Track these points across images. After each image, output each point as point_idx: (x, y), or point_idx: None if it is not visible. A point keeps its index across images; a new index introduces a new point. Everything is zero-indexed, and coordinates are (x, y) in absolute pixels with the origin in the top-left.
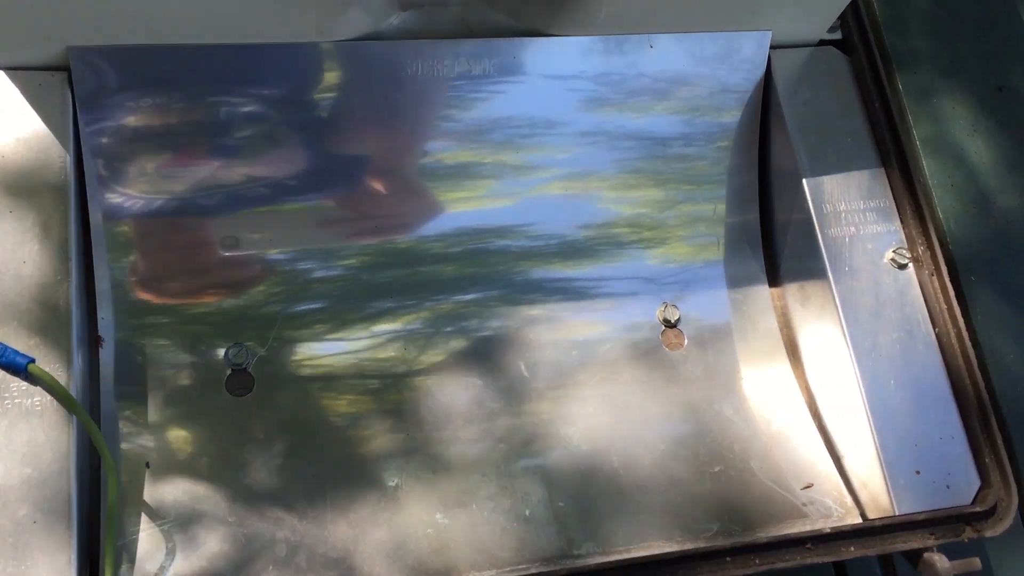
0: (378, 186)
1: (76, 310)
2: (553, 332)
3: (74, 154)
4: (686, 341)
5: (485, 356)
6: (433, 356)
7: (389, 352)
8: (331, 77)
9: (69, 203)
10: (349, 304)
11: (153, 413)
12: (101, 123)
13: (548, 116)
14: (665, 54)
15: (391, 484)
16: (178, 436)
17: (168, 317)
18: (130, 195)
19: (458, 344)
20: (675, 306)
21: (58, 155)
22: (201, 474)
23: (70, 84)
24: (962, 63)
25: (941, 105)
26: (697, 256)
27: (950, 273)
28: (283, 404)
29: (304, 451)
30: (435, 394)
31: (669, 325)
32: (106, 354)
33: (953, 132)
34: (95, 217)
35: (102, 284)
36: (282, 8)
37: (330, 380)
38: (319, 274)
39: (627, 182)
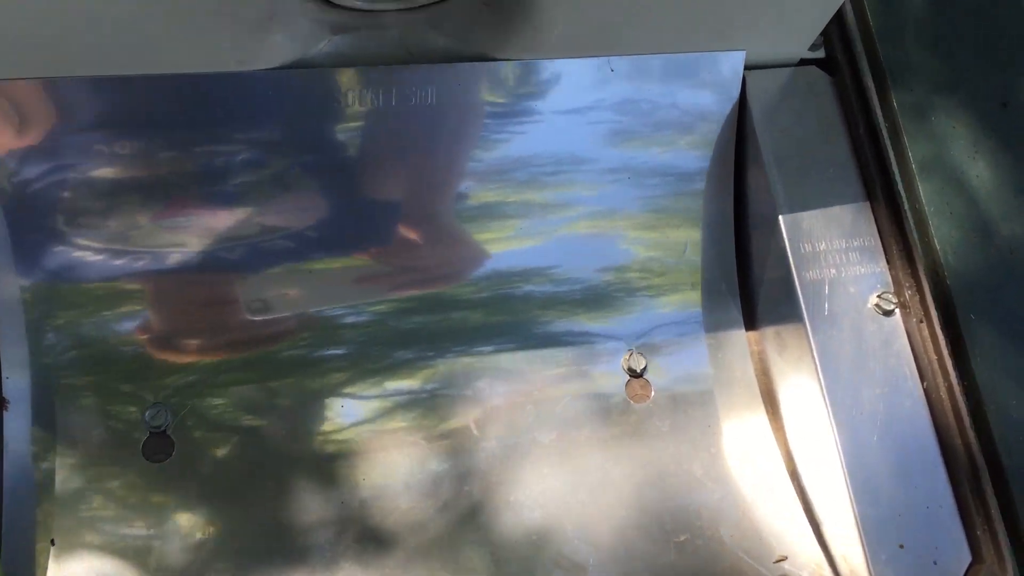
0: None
1: None
2: (507, 384)
3: None
4: (653, 392)
5: (431, 413)
6: (371, 414)
7: (328, 411)
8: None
9: None
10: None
11: (61, 482)
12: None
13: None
14: (626, 79)
15: (321, 559)
16: (88, 507)
17: (88, 376)
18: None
19: (397, 400)
20: (641, 354)
21: None
22: (112, 551)
23: None
24: (963, 77)
25: (939, 124)
26: (668, 298)
27: (946, 312)
28: (205, 469)
29: (228, 521)
30: (374, 455)
31: (634, 375)
32: (12, 417)
33: (952, 153)
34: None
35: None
36: (193, 36)
37: (255, 442)
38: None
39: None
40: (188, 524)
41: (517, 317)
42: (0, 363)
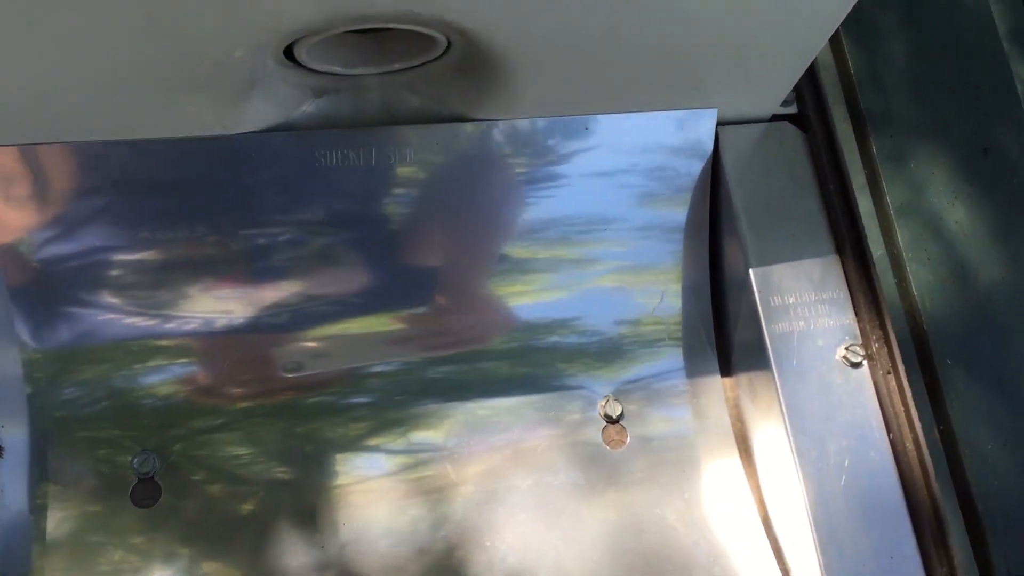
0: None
1: None
2: (484, 429)
3: None
4: (628, 438)
5: (414, 453)
6: (352, 460)
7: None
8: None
9: None
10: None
11: (53, 528)
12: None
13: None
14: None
15: None
16: (80, 551)
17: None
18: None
19: (383, 442)
20: (617, 400)
21: None
22: None
23: None
24: (943, 123)
25: (919, 169)
26: (645, 346)
27: (922, 357)
28: (190, 513)
29: (212, 562)
30: (354, 498)
31: (611, 421)
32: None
33: (931, 199)
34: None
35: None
36: (178, 104)
37: (237, 484)
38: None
39: None
40: (175, 565)
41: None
42: None
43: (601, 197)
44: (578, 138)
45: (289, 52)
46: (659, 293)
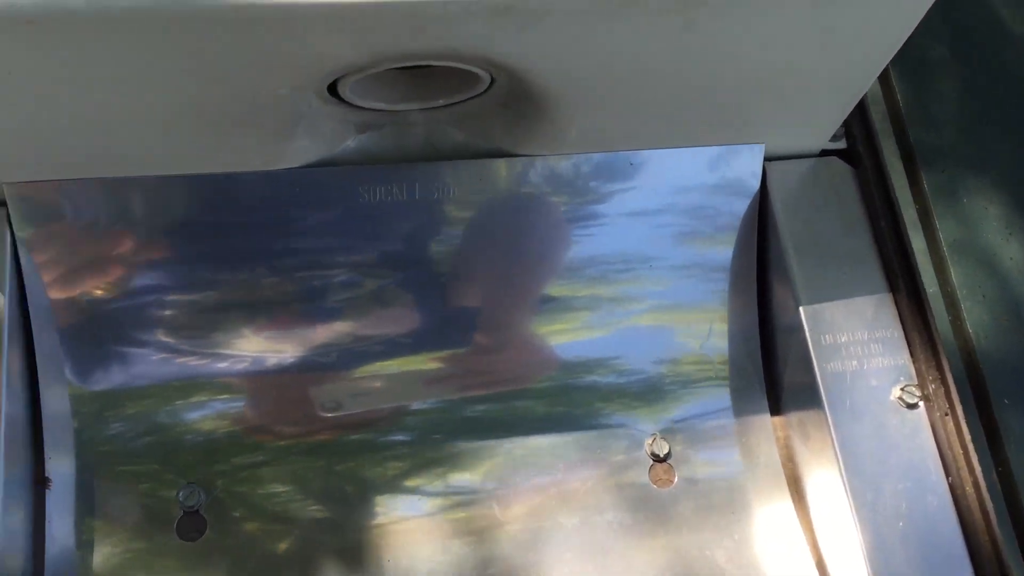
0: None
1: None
2: (526, 468)
3: (10, 296)
4: (676, 477)
5: (455, 493)
6: (393, 500)
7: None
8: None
9: (1, 347)
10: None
11: (100, 562)
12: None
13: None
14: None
15: None
16: None
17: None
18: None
19: (424, 482)
20: (664, 439)
21: None
22: None
23: (8, 222)
24: (996, 157)
25: (972, 205)
26: (693, 383)
27: (978, 397)
28: (234, 550)
29: None
30: (399, 537)
31: (658, 459)
32: (55, 496)
33: (985, 236)
34: (44, 347)
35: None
36: (221, 140)
37: (279, 521)
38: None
39: None
40: None
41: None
42: (44, 444)
43: (641, 235)
44: (621, 176)
45: (333, 88)
46: (703, 332)
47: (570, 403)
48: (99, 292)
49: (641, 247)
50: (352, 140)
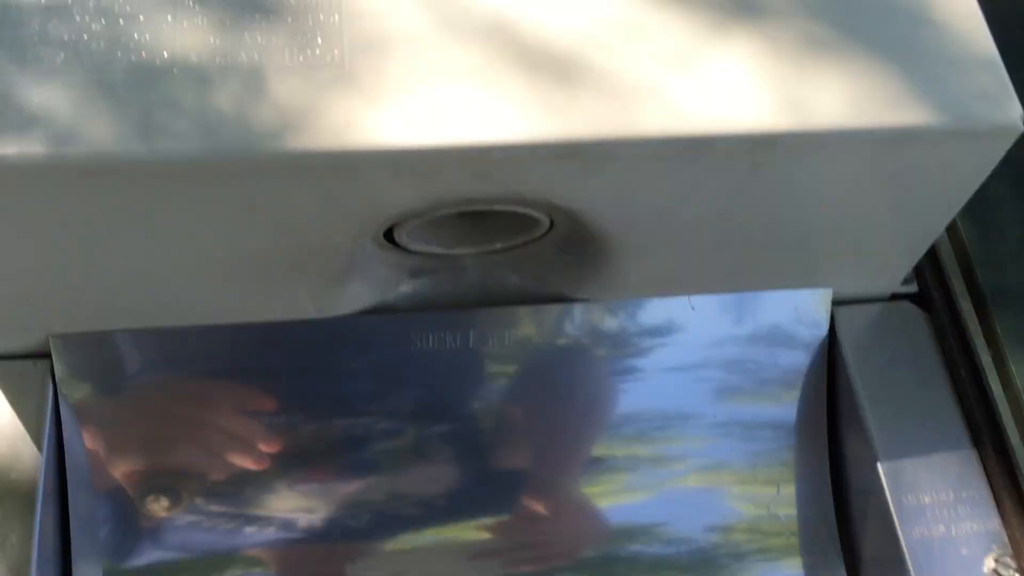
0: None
1: None
2: None
3: (49, 452)
4: None
5: None
6: None
7: None
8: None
9: (35, 510)
10: None
11: None
12: (83, 407)
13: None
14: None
15: None
16: None
17: None
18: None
19: None
20: None
21: (30, 457)
22: None
23: (52, 375)
24: None
25: None
26: (762, 555)
27: None
28: None
29: None
30: None
31: None
32: None
33: None
34: (79, 510)
35: None
36: (274, 289)
37: None
38: None
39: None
40: None
41: None
42: None
43: (687, 389)
44: (677, 322)
45: (388, 233)
46: (769, 494)
47: None
48: (137, 451)
49: (681, 405)
50: (405, 285)
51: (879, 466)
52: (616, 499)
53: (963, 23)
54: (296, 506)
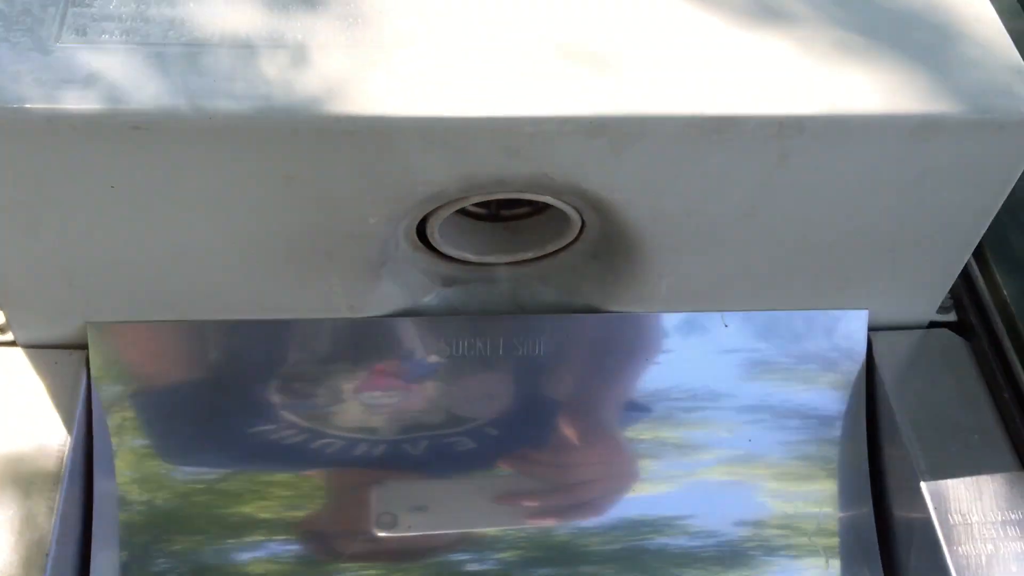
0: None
1: None
2: None
3: (77, 440)
4: None
5: None
6: None
7: None
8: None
9: (60, 493)
10: None
11: None
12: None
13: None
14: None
15: None
16: None
17: None
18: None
19: None
20: None
21: (58, 441)
22: None
23: (87, 364)
24: None
25: None
26: (800, 560)
27: None
28: None
29: None
30: None
31: None
32: None
33: None
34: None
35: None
36: (309, 283)
37: None
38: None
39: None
40: None
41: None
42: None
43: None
44: (714, 334)
45: (421, 233)
46: (819, 500)
47: (642, 569)
48: (162, 436)
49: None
50: (437, 293)
51: (923, 485)
52: (641, 490)
53: (985, 30)
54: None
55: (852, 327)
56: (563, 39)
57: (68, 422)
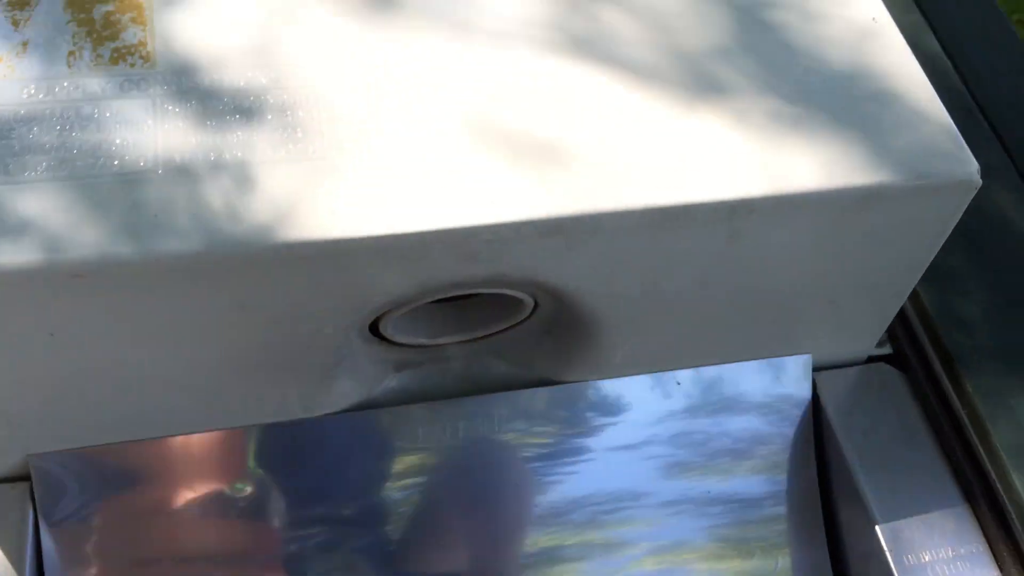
0: None
1: None
2: None
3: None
4: None
5: None
6: None
7: None
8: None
9: None
10: None
11: None
12: (66, 530)
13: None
14: (691, 391)
15: None
16: None
17: None
18: None
19: None
20: None
21: None
22: None
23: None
24: None
25: (1021, 405)
26: None
27: None
28: None
29: None
30: None
31: None
32: None
33: None
34: None
35: None
36: (262, 389)
37: None
38: None
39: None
40: None
41: None
42: None
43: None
44: (671, 396)
45: (374, 327)
46: (771, 570)
47: None
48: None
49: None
50: (391, 379)
51: (878, 529)
52: None
53: (916, 93)
54: None
55: (797, 372)
56: (510, 136)
57: (19, 562)
